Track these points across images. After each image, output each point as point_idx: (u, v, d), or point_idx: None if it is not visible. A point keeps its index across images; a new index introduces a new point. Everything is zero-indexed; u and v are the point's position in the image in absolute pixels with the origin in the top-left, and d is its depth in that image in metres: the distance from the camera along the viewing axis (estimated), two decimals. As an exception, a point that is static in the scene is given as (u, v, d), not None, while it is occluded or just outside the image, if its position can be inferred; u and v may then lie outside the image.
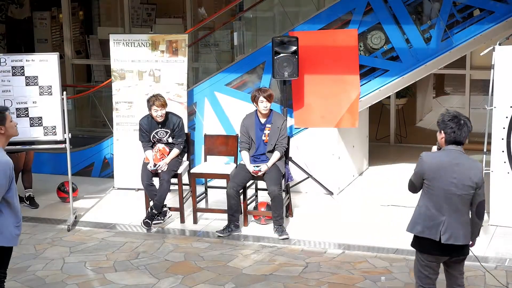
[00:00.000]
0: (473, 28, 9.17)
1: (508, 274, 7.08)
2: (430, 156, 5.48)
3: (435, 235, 5.40)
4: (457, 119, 5.39)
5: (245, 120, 8.59)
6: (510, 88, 8.09)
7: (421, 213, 5.49)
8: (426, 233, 5.44)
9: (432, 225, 5.42)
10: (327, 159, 9.70)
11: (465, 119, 5.43)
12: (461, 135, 5.38)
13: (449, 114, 5.43)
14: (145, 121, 8.83)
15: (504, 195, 8.22)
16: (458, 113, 5.47)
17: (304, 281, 7.10)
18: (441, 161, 5.40)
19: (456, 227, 5.42)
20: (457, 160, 5.38)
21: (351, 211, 9.08)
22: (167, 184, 8.60)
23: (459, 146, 5.42)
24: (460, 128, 5.38)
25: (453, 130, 5.38)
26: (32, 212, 9.37)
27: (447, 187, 5.37)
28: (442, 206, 5.41)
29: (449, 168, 5.37)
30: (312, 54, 9.44)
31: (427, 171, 5.43)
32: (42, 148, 9.49)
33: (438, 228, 5.40)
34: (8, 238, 5.57)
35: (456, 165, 5.37)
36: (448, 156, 5.40)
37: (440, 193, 5.40)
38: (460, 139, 5.39)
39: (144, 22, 13.74)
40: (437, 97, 14.77)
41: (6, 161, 5.48)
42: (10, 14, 14.66)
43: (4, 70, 8.91)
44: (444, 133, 5.42)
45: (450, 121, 5.40)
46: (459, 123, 5.38)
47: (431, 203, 5.44)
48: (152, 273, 7.39)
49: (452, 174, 5.36)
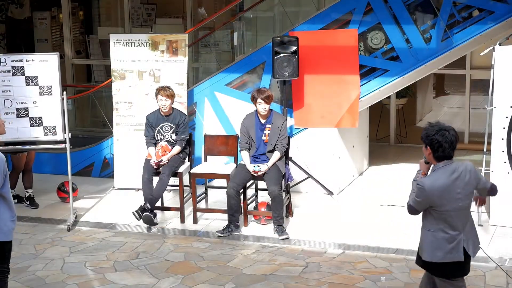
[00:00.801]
0: (473, 28, 9.17)
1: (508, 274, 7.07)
2: (430, 182, 5.12)
3: (459, 256, 5.15)
4: (441, 132, 5.10)
5: (245, 120, 8.59)
6: (510, 88, 8.08)
7: (439, 238, 5.16)
8: (448, 257, 5.15)
9: (453, 247, 5.15)
10: (327, 159, 9.70)
11: (450, 130, 5.13)
12: (449, 148, 5.10)
13: (433, 127, 5.13)
14: (151, 116, 8.94)
15: (504, 195, 8.21)
16: (442, 125, 5.16)
17: (304, 281, 7.10)
18: (442, 184, 5.09)
19: (473, 235, 5.26)
20: (455, 173, 5.13)
21: (351, 211, 9.08)
22: (167, 179, 8.62)
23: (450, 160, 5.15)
24: (447, 141, 5.08)
25: (440, 144, 5.08)
26: (32, 212, 9.37)
27: (457, 205, 5.14)
28: (457, 225, 5.16)
29: (451, 186, 5.10)
30: (312, 54, 9.45)
31: (433, 199, 5.11)
32: (42, 148, 9.49)
33: (460, 247, 5.15)
34: (6, 233, 5.69)
35: (456, 179, 5.12)
36: (445, 174, 5.11)
37: (452, 213, 5.13)
38: (449, 153, 5.11)
39: (144, 22, 13.74)
40: (437, 97, 14.78)
41: (1, 157, 5.56)
42: (10, 14, 14.66)
43: (4, 70, 8.91)
44: (431, 149, 5.12)
45: (435, 135, 5.09)
46: (445, 135, 5.09)
47: (445, 225, 5.15)
48: (152, 273, 7.39)
49: (456, 191, 5.12)
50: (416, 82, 11.01)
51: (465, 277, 6.99)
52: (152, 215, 8.65)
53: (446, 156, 5.13)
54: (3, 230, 5.64)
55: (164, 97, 8.78)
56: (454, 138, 5.12)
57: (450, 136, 5.11)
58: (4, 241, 5.71)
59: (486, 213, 8.49)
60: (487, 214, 8.45)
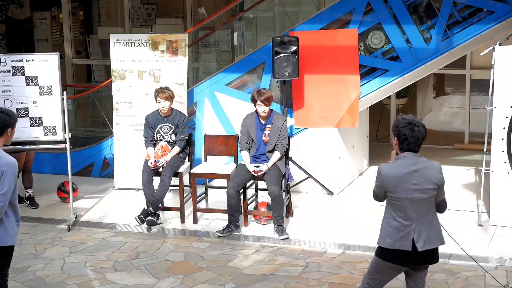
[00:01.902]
0: (473, 28, 9.17)
1: (508, 274, 7.08)
2: (388, 169, 5.35)
3: (408, 245, 5.29)
4: (410, 126, 5.25)
5: (246, 120, 8.59)
6: (510, 88, 8.08)
7: (390, 226, 5.37)
8: (397, 245, 5.32)
9: (402, 235, 5.31)
10: (327, 159, 9.70)
11: (419, 125, 5.28)
12: (414, 142, 5.25)
13: (404, 120, 5.29)
14: (150, 116, 8.94)
15: (504, 195, 8.22)
16: (413, 119, 5.32)
17: (304, 281, 7.11)
18: (399, 172, 5.28)
19: (428, 231, 5.32)
20: (415, 166, 5.26)
21: (351, 211, 9.08)
22: (169, 180, 8.63)
23: (417, 150, 5.29)
24: (414, 135, 5.23)
25: (406, 137, 5.25)
26: (32, 212, 9.37)
27: (411, 195, 5.26)
28: (410, 215, 5.30)
29: (408, 176, 5.25)
30: (312, 54, 9.45)
31: (387, 184, 5.33)
32: (42, 148, 9.49)
33: (409, 238, 5.29)
34: (13, 237, 5.70)
35: (415, 171, 5.25)
36: (404, 165, 5.28)
37: (405, 202, 5.29)
38: (414, 147, 5.26)
39: (144, 22, 13.74)
40: (437, 97, 14.79)
41: (14, 162, 5.62)
42: (10, 14, 14.66)
43: (4, 70, 8.91)
44: (398, 140, 5.30)
45: (403, 128, 5.26)
46: (413, 129, 5.24)
47: (398, 214, 5.33)
48: (152, 273, 7.40)
49: (412, 181, 5.25)
50: (416, 82, 11.01)
51: (465, 277, 7.02)
52: (155, 217, 8.67)
53: (410, 150, 5.30)
54: (10, 234, 5.66)
55: (163, 99, 8.77)
56: (421, 134, 5.28)
57: (418, 131, 5.27)
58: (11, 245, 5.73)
59: (486, 213, 8.50)
60: (487, 214, 8.46)
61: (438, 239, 5.38)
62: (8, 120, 5.67)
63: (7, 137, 5.71)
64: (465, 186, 9.84)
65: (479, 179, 9.46)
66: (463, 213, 8.76)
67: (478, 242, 7.89)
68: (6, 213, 5.60)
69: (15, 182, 5.63)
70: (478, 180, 9.88)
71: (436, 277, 7.03)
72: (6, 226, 5.62)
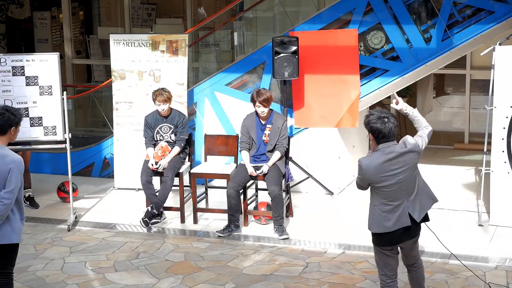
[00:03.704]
0: (473, 28, 9.17)
1: (508, 274, 7.08)
2: (368, 162, 5.49)
3: (407, 222, 5.45)
4: (381, 120, 5.42)
5: (246, 120, 8.59)
6: (510, 88, 8.08)
7: (383, 210, 5.50)
8: (397, 225, 5.46)
9: (399, 214, 5.45)
10: (327, 159, 9.70)
11: (389, 116, 5.43)
12: (389, 133, 5.41)
13: (373, 115, 5.45)
14: (150, 117, 8.93)
15: (504, 195, 8.22)
16: (381, 111, 5.48)
17: (304, 281, 7.11)
18: (377, 163, 5.42)
19: (419, 198, 5.49)
20: (391, 154, 5.41)
21: (351, 211, 9.08)
22: (171, 182, 8.63)
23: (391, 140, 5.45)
24: (386, 127, 5.39)
25: (379, 131, 5.41)
26: (32, 212, 9.37)
27: (395, 180, 5.41)
28: (399, 196, 5.45)
29: (388, 165, 5.40)
30: (312, 54, 9.45)
31: (369, 177, 5.47)
32: (42, 148, 9.49)
33: (405, 214, 5.44)
34: (18, 235, 5.75)
35: (393, 159, 5.40)
36: (382, 156, 5.43)
37: (393, 188, 5.44)
38: (388, 136, 5.41)
39: (144, 22, 13.74)
40: (437, 97, 14.79)
41: (20, 159, 5.67)
42: (10, 14, 14.66)
43: (4, 70, 8.91)
44: (373, 135, 5.46)
45: (374, 123, 5.43)
46: (384, 122, 5.40)
47: (388, 199, 5.47)
48: (152, 273, 7.40)
49: (393, 167, 5.40)
50: (416, 82, 11.01)
51: (465, 277, 7.02)
52: (159, 217, 8.69)
53: (385, 141, 5.44)
54: (16, 231, 5.71)
55: (161, 102, 8.75)
56: (393, 125, 5.43)
57: (389, 123, 5.41)
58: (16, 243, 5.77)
59: (486, 213, 8.50)
60: (487, 214, 8.46)
61: (430, 200, 5.56)
62: (13, 119, 5.68)
63: (10, 135, 5.72)
64: (465, 186, 9.84)
65: (479, 179, 9.46)
66: (463, 213, 8.77)
67: (478, 242, 7.89)
68: (12, 210, 5.63)
69: (21, 180, 5.66)
70: (478, 180, 9.88)
71: (436, 277, 7.03)
72: (11, 223, 5.66)
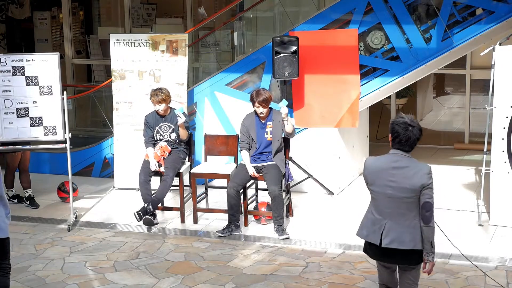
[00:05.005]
0: (473, 28, 9.17)
1: (508, 274, 7.08)
2: (372, 161, 5.41)
3: (376, 239, 5.32)
4: (405, 125, 5.24)
5: (245, 119, 8.60)
6: (510, 88, 8.09)
7: (368, 218, 5.44)
8: (369, 237, 5.38)
9: (375, 229, 5.35)
10: (327, 159, 9.70)
11: (415, 126, 5.24)
12: (406, 142, 5.24)
13: (401, 119, 5.28)
14: (149, 116, 8.92)
15: (504, 195, 8.22)
16: (411, 120, 5.28)
17: (305, 281, 7.11)
18: (380, 165, 5.31)
19: (400, 231, 5.26)
20: (398, 163, 5.25)
21: (351, 211, 9.07)
22: (170, 181, 8.62)
23: (408, 149, 5.27)
24: (405, 134, 5.23)
25: (398, 135, 5.24)
26: (32, 212, 9.37)
27: (385, 190, 5.27)
28: (383, 210, 5.32)
29: (387, 171, 5.26)
30: (312, 54, 9.44)
31: (366, 175, 5.38)
32: (42, 148, 9.49)
33: (380, 232, 5.32)
34: (4, 230, 5.78)
35: (395, 168, 5.24)
36: (387, 159, 5.31)
37: (380, 197, 5.31)
38: (404, 146, 5.25)
39: (144, 22, 13.75)
40: (437, 97, 14.79)
41: None
42: (10, 14, 14.67)
43: (4, 70, 8.91)
44: (391, 135, 5.33)
45: (398, 126, 5.26)
46: (406, 129, 5.23)
47: (374, 208, 5.38)
48: (152, 273, 7.40)
49: (389, 177, 5.25)
50: (416, 82, 11.02)
51: (465, 277, 7.02)
52: (152, 217, 8.65)
53: (400, 148, 5.30)
54: (1, 227, 5.75)
55: (156, 103, 8.75)
56: (413, 135, 5.25)
57: (410, 132, 5.24)
58: (4, 238, 5.82)
59: (486, 213, 8.50)
60: (487, 214, 8.46)
61: (410, 242, 5.25)
62: None
63: None
64: (465, 186, 9.84)
65: (479, 179, 9.47)
66: (463, 213, 8.77)
67: (478, 242, 7.89)
68: None
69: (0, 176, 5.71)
70: (478, 180, 9.88)
71: (436, 277, 7.03)
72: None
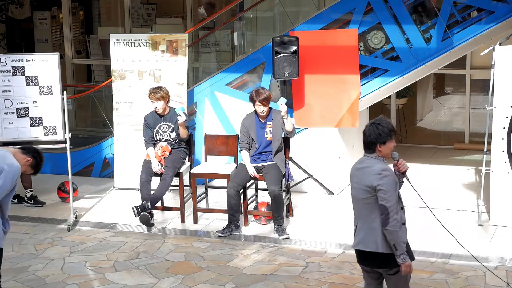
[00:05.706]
0: (473, 28, 9.17)
1: (508, 274, 7.08)
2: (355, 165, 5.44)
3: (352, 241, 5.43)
4: (368, 125, 5.22)
5: (245, 119, 8.60)
6: (510, 88, 8.09)
7: None
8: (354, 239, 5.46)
9: (354, 231, 5.45)
10: (327, 159, 9.70)
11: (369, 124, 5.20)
12: (366, 140, 5.19)
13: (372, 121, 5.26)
14: (149, 116, 8.92)
15: (504, 195, 8.22)
16: (379, 119, 5.23)
17: (305, 281, 7.11)
18: (353, 167, 5.36)
19: (367, 233, 5.26)
20: (361, 164, 5.26)
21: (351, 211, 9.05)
22: (170, 180, 8.63)
23: (368, 151, 5.22)
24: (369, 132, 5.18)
25: (364, 135, 5.23)
26: (32, 212, 9.37)
27: (352, 192, 5.35)
28: (355, 212, 5.41)
29: (353, 173, 5.32)
30: (312, 54, 9.44)
31: None
32: (42, 148, 9.41)
33: (353, 234, 5.41)
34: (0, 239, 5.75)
35: (358, 170, 5.26)
36: (357, 161, 5.35)
37: (352, 199, 5.37)
38: (366, 144, 5.21)
39: (144, 22, 13.74)
40: (437, 97, 14.79)
41: (18, 166, 5.76)
42: (10, 14, 14.67)
43: (4, 70, 8.92)
44: None
45: (366, 127, 5.24)
46: (365, 129, 5.22)
47: None
48: (152, 273, 7.40)
49: (353, 179, 5.30)
50: (416, 82, 11.01)
51: (465, 277, 7.02)
52: (150, 215, 8.64)
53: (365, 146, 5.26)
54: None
55: (155, 100, 8.76)
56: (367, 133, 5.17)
57: (365, 130, 5.21)
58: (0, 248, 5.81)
59: (486, 213, 8.50)
60: (487, 214, 8.46)
61: (373, 244, 5.23)
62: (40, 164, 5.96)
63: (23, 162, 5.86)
64: (465, 186, 9.84)
65: (479, 179, 9.46)
66: (463, 213, 8.77)
67: (478, 242, 7.88)
68: None
69: (11, 186, 5.66)
70: (478, 180, 9.88)
71: (436, 277, 7.04)
72: None
